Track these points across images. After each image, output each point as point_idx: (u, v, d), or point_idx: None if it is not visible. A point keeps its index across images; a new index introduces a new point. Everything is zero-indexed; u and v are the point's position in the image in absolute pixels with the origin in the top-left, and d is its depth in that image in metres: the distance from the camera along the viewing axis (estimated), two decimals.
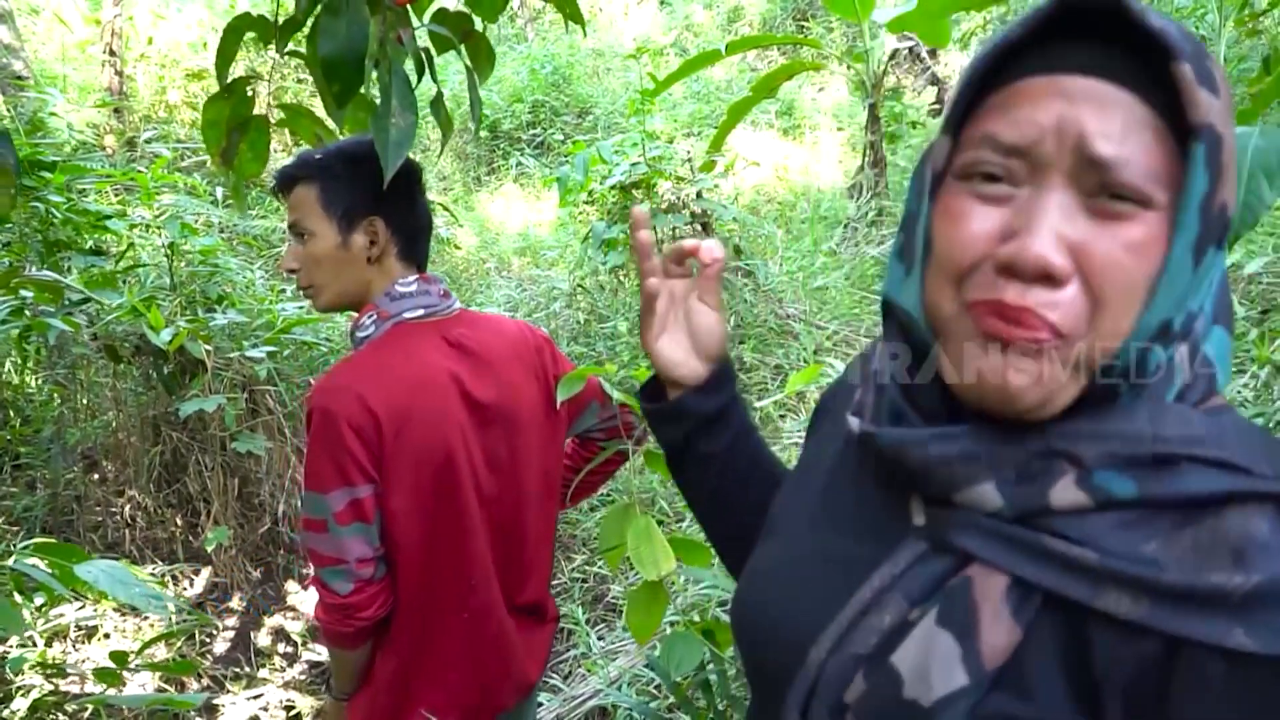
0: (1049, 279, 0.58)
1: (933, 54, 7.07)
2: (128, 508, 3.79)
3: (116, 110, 6.31)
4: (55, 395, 3.93)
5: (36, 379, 4.01)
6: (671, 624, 2.90)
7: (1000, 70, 0.63)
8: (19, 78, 6.04)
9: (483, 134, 8.38)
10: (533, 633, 1.74)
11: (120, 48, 6.29)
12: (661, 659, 1.74)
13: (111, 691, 2.09)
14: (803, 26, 10.84)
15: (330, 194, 1.51)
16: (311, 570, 1.52)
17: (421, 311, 1.54)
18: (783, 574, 0.77)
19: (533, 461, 1.64)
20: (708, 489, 0.99)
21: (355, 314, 1.59)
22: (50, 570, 1.88)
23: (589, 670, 2.96)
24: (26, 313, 3.07)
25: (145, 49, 6.83)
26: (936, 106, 8.55)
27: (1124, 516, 0.58)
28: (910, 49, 6.92)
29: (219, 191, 5.04)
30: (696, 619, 2.95)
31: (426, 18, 1.47)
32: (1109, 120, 0.58)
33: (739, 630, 0.79)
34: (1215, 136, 0.57)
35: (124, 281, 3.86)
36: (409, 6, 1.38)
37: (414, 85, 1.34)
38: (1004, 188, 0.61)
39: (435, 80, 1.42)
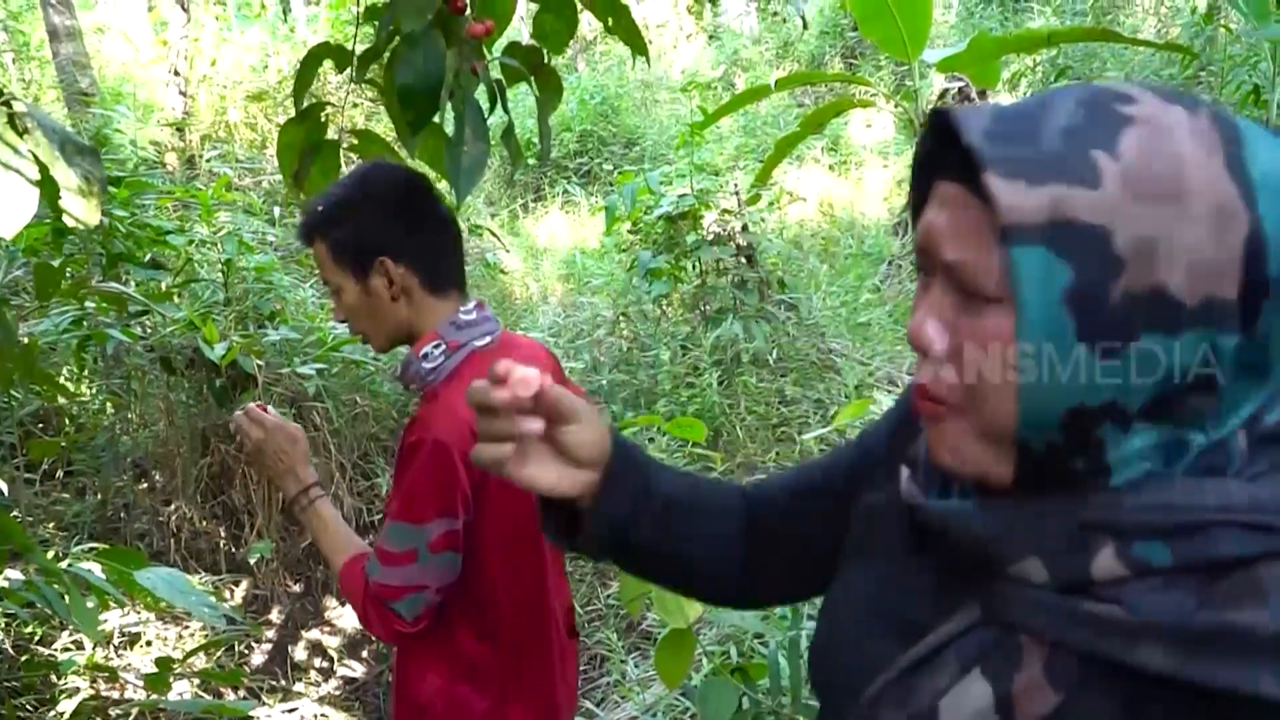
0: (924, 352, 0.65)
1: (982, 94, 7.07)
2: (174, 517, 3.85)
3: (178, 129, 6.47)
4: (109, 405, 4.02)
5: (91, 388, 4.10)
6: (708, 655, 2.90)
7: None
8: (85, 94, 6.22)
9: (530, 161, 8.48)
10: (572, 653, 1.77)
11: (185, 69, 6.46)
12: (697, 705, 1.75)
13: (162, 697, 2.13)
14: (851, 64, 10.88)
15: (336, 244, 1.46)
16: (368, 600, 1.46)
17: (488, 339, 1.52)
18: (849, 623, 0.79)
19: None
20: (661, 562, 0.93)
21: (407, 347, 1.55)
22: (107, 575, 1.92)
23: (625, 696, 2.97)
24: (85, 323, 3.16)
25: (208, 70, 7.01)
26: None
27: (1160, 581, 0.59)
28: (960, 89, 6.91)
29: (275, 210, 5.15)
30: (731, 650, 2.95)
31: (498, 50, 1.51)
32: (956, 224, 0.62)
33: (811, 666, 0.83)
34: (1060, 228, 0.56)
35: (179, 295, 3.95)
36: (482, 39, 1.42)
37: (485, 115, 1.38)
38: (925, 278, 0.68)
39: (506, 111, 1.46)
